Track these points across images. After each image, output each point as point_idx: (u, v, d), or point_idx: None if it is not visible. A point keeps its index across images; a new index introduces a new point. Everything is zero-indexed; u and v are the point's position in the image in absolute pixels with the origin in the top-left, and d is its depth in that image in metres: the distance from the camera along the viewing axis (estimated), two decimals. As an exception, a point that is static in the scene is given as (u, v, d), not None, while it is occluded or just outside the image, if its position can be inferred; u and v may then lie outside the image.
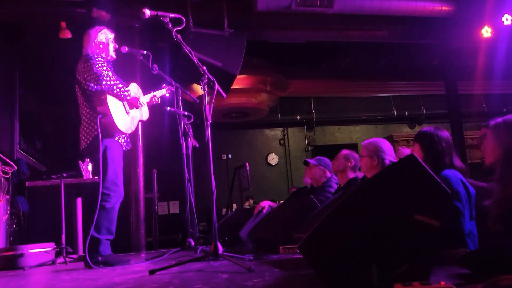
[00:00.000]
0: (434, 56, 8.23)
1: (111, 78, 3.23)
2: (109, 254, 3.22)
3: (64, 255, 3.76)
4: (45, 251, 3.91)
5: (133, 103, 3.46)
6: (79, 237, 4.35)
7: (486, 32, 6.58)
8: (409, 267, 1.46)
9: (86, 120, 3.33)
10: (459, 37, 6.89)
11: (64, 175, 4.06)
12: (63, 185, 4.04)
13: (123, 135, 3.44)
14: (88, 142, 3.29)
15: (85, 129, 3.33)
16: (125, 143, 3.49)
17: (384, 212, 1.50)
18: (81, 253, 4.20)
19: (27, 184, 4.23)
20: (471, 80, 8.42)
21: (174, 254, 3.59)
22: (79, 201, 4.48)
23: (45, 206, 5.02)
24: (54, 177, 4.09)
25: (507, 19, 6.22)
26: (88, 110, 3.32)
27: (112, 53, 3.50)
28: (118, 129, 3.26)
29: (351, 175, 3.78)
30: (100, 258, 3.13)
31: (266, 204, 4.47)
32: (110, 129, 3.27)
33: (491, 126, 2.10)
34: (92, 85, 3.25)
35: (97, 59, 3.25)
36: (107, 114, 3.21)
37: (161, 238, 6.69)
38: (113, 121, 3.22)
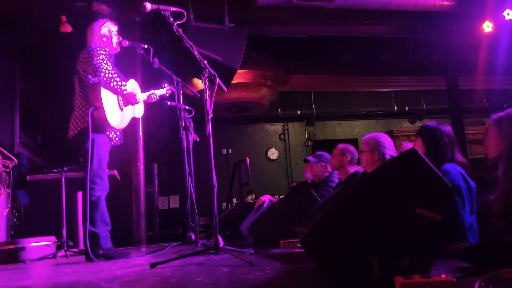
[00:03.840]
0: (435, 51, 8.21)
1: (110, 71, 3.22)
2: (109, 248, 3.23)
3: (65, 248, 3.77)
4: (46, 245, 3.92)
5: (129, 99, 3.45)
6: (79, 230, 4.37)
7: (487, 27, 6.55)
8: (410, 261, 1.47)
9: (78, 110, 3.33)
10: (460, 32, 6.87)
11: (65, 169, 4.07)
12: (63, 179, 4.05)
13: (115, 130, 3.44)
14: (76, 132, 3.29)
15: (75, 119, 3.32)
16: (116, 138, 3.48)
17: (385, 205, 1.50)
18: (82, 246, 4.21)
19: (27, 178, 4.23)
20: (472, 75, 8.40)
21: (175, 248, 3.60)
22: (79, 194, 4.48)
23: (46, 199, 5.03)
24: (55, 171, 4.10)
25: (508, 14, 6.20)
26: (82, 101, 3.32)
27: (115, 46, 3.50)
28: (109, 124, 3.25)
29: (351, 169, 3.79)
30: (101, 251, 3.15)
31: (266, 198, 4.49)
32: (101, 123, 3.26)
33: (493, 120, 2.09)
34: (90, 76, 3.25)
35: (98, 52, 3.25)
36: (99, 107, 3.21)
37: (161, 232, 6.70)
38: (104, 115, 3.21)
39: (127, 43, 3.50)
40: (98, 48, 3.30)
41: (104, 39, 3.44)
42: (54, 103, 7.38)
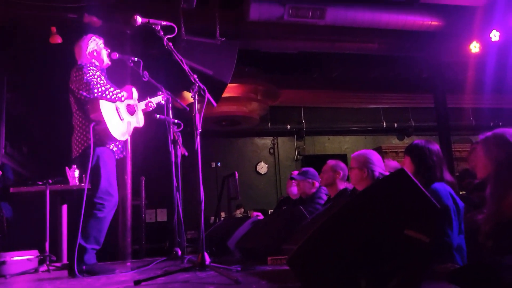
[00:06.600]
0: (423, 69, 8.34)
1: (102, 84, 3.20)
2: (93, 263, 3.16)
3: (48, 263, 3.68)
4: (28, 259, 3.82)
5: (130, 106, 3.44)
6: (63, 245, 4.28)
7: (475, 47, 6.68)
8: (399, 282, 1.45)
9: (78, 129, 3.29)
10: (448, 52, 6.98)
11: (50, 181, 3.99)
12: (48, 192, 3.97)
13: (117, 143, 3.40)
14: (80, 151, 3.24)
15: (77, 138, 3.28)
16: (118, 151, 3.45)
17: (374, 226, 1.49)
18: (65, 261, 4.11)
19: (11, 190, 4.14)
20: (460, 94, 8.53)
21: (161, 263, 3.53)
22: (64, 208, 4.40)
23: (29, 212, 4.92)
24: (40, 183, 4.02)
25: (495, 35, 6.32)
26: (81, 119, 3.29)
27: (106, 59, 3.48)
28: (112, 136, 3.22)
29: (341, 186, 3.78)
30: (84, 267, 3.07)
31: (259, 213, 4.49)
32: (104, 137, 3.23)
33: (481, 140, 2.10)
34: (85, 94, 3.22)
35: (89, 68, 3.23)
36: (100, 121, 3.18)
37: (148, 246, 6.60)
38: (107, 128, 3.18)
39: (117, 55, 3.48)
40: (88, 64, 3.28)
41: (95, 53, 3.43)
42: (42, 114, 7.31)
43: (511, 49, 6.48)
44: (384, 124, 11.25)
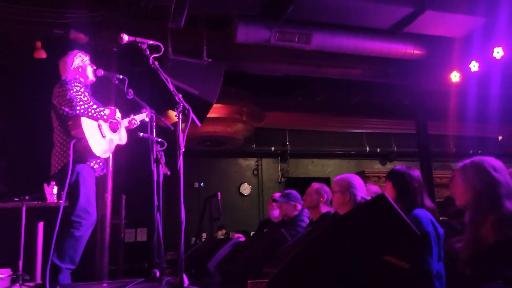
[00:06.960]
0: (406, 96, 8.51)
1: (85, 101, 3.18)
2: (68, 284, 3.07)
3: (20, 282, 3.56)
4: (-1, 278, 3.69)
5: (111, 117, 3.40)
6: (37, 264, 4.15)
7: (455, 77, 6.86)
8: (378, 309, 1.44)
9: (59, 144, 3.25)
10: (430, 80, 7.15)
11: (27, 198, 3.90)
12: (24, 208, 3.87)
13: (98, 160, 3.37)
14: (59, 167, 3.20)
15: (57, 154, 3.23)
16: (99, 168, 3.40)
17: (355, 250, 1.48)
18: (38, 281, 3.99)
19: (-14, 206, 4.02)
20: (442, 121, 8.71)
21: (138, 285, 3.44)
22: (40, 225, 4.29)
23: (4, 229, 4.78)
24: (16, 199, 3.92)
25: (474, 66, 6.51)
26: (61, 135, 3.25)
27: (91, 76, 3.47)
28: (93, 153, 3.19)
29: (324, 209, 3.78)
30: (58, 287, 2.98)
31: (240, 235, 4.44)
32: (84, 154, 3.19)
33: (459, 168, 2.14)
34: (67, 110, 3.19)
35: (73, 85, 3.21)
36: (81, 138, 3.14)
37: (127, 266, 6.44)
38: (88, 145, 3.15)
39: (102, 72, 3.48)
40: (72, 81, 3.26)
41: (80, 69, 3.42)
42: (22, 128, 7.18)
43: (490, 80, 6.67)
44: (367, 149, 11.38)
